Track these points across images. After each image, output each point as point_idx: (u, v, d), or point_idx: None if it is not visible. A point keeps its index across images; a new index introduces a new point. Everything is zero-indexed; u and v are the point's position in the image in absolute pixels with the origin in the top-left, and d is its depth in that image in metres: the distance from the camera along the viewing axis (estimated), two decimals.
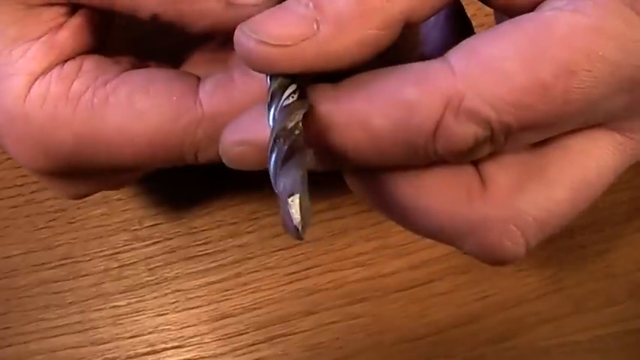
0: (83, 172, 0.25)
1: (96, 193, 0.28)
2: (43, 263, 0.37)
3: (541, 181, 0.21)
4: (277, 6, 0.19)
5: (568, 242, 0.39)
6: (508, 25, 0.19)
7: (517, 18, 0.20)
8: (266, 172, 0.19)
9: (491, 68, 0.18)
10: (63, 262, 0.37)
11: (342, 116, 0.19)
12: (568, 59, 0.18)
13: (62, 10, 0.23)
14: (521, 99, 0.18)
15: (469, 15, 0.26)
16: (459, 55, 0.19)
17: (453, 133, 0.19)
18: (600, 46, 0.18)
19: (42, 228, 0.37)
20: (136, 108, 0.22)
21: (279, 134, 0.18)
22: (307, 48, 0.18)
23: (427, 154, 0.20)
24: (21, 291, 0.37)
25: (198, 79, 0.23)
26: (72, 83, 0.23)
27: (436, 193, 0.21)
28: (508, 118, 0.19)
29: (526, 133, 0.20)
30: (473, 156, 0.21)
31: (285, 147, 0.18)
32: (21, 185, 0.36)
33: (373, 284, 0.38)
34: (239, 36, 0.19)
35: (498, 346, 0.38)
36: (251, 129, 0.20)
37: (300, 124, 0.18)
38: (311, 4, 0.19)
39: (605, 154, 0.21)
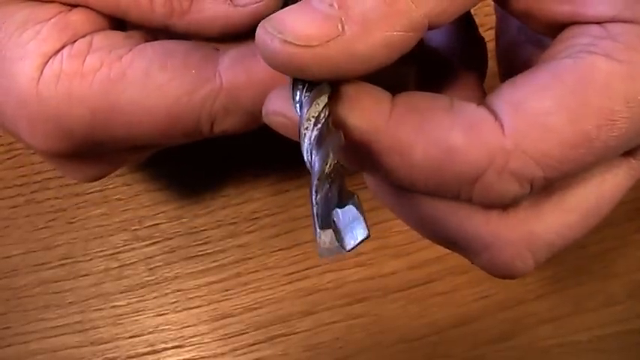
0: (97, 151, 0.25)
1: (106, 175, 0.28)
2: (43, 263, 0.37)
3: (559, 207, 0.22)
4: (299, 3, 0.19)
5: None
6: (546, 74, 0.19)
7: (554, 64, 0.20)
8: (266, 171, 0.19)
9: (539, 124, 0.19)
10: (63, 262, 0.37)
11: (387, 139, 0.19)
12: (609, 109, 0.19)
13: None
14: (567, 153, 0.19)
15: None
16: (505, 109, 0.19)
17: (492, 190, 0.19)
18: (637, 91, 0.19)
19: (42, 228, 0.37)
20: (155, 81, 0.22)
21: (327, 176, 0.17)
22: (333, 49, 0.18)
23: (459, 197, 0.20)
24: (21, 291, 0.37)
25: (216, 49, 0.23)
26: (84, 60, 0.22)
27: (456, 207, 0.21)
28: (553, 173, 0.19)
29: (565, 178, 0.20)
30: (506, 207, 0.21)
31: (337, 189, 0.17)
32: (21, 185, 0.36)
33: (373, 284, 0.38)
34: (262, 34, 0.18)
35: (498, 346, 0.38)
36: (288, 105, 0.20)
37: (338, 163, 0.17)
38: (335, 4, 0.18)
39: (620, 179, 0.22)
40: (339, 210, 0.16)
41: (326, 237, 0.16)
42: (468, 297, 0.38)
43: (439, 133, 0.19)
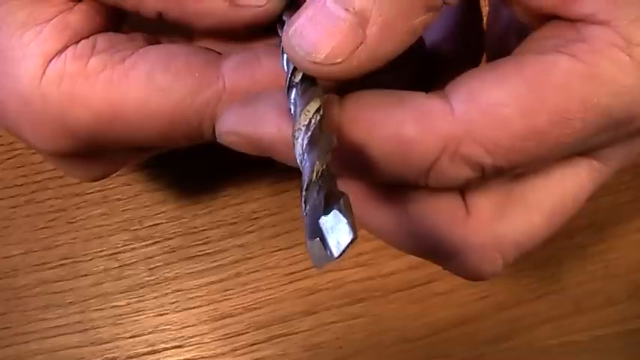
0: (101, 151, 0.25)
1: (109, 175, 0.28)
2: (43, 263, 0.37)
3: (522, 207, 0.22)
4: (314, 6, 0.19)
5: (568, 242, 0.39)
6: (508, 66, 0.20)
7: (518, 58, 0.20)
8: (266, 171, 0.19)
9: (490, 114, 0.19)
10: (63, 262, 0.37)
11: (341, 137, 0.20)
12: (564, 107, 0.19)
13: None
14: (516, 145, 0.19)
15: None
16: (460, 97, 0.19)
17: (445, 174, 0.20)
18: (595, 94, 0.19)
19: (42, 228, 0.37)
20: (157, 84, 0.22)
21: (318, 176, 0.17)
22: (359, 57, 0.18)
23: (416, 183, 0.21)
24: (21, 291, 0.37)
25: (218, 54, 0.24)
26: (88, 61, 0.22)
27: (421, 218, 0.22)
28: (502, 162, 0.19)
29: (514, 170, 0.21)
30: (461, 188, 0.22)
31: (326, 190, 0.17)
32: (21, 185, 0.36)
33: (373, 284, 0.38)
34: (290, 50, 0.19)
35: (498, 346, 0.38)
36: (242, 122, 0.21)
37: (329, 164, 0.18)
38: (351, 7, 0.18)
39: (583, 180, 0.22)
40: (323, 217, 0.16)
41: (314, 247, 0.16)
42: (467, 297, 0.38)
43: (391, 127, 0.19)
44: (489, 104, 0.19)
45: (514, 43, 0.25)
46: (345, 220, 0.15)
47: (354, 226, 0.15)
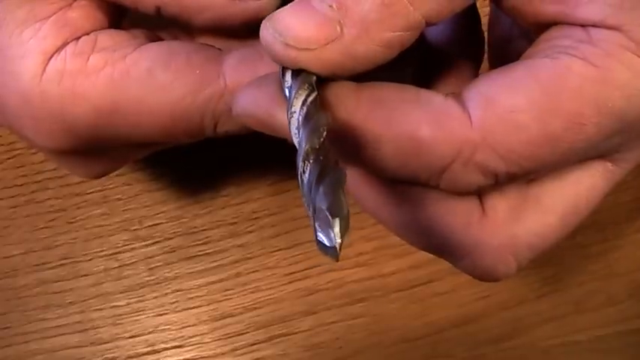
0: (102, 148, 0.25)
1: (110, 172, 0.28)
2: (43, 263, 0.37)
3: (537, 209, 0.22)
4: (298, 2, 0.19)
5: (568, 242, 0.38)
6: (522, 71, 0.20)
7: (531, 62, 0.20)
8: (266, 171, 0.19)
9: (506, 120, 0.19)
10: (63, 262, 0.37)
11: (356, 130, 0.20)
12: (578, 112, 0.19)
13: None
14: (532, 151, 0.19)
15: None
16: (477, 102, 0.19)
17: (458, 179, 0.20)
18: (608, 98, 0.19)
19: (42, 228, 0.37)
20: (158, 81, 0.22)
21: (310, 153, 0.17)
22: (331, 51, 0.19)
23: (428, 184, 0.21)
24: (21, 291, 0.37)
25: (219, 50, 0.24)
26: (88, 58, 0.23)
27: (435, 216, 0.22)
28: (515, 169, 0.19)
29: (527, 176, 0.21)
30: (473, 194, 0.22)
31: (319, 168, 0.17)
32: (21, 185, 0.36)
33: (373, 284, 0.38)
34: (265, 33, 0.19)
35: (498, 346, 0.38)
36: (256, 105, 0.20)
37: (325, 140, 0.18)
38: (335, 5, 0.18)
39: (597, 182, 0.22)
40: (321, 208, 0.15)
41: (320, 244, 0.16)
42: (468, 297, 0.38)
43: (407, 126, 0.19)
44: (506, 110, 0.19)
45: (518, 40, 0.25)
46: (326, 203, 0.15)
47: (341, 204, 0.15)
